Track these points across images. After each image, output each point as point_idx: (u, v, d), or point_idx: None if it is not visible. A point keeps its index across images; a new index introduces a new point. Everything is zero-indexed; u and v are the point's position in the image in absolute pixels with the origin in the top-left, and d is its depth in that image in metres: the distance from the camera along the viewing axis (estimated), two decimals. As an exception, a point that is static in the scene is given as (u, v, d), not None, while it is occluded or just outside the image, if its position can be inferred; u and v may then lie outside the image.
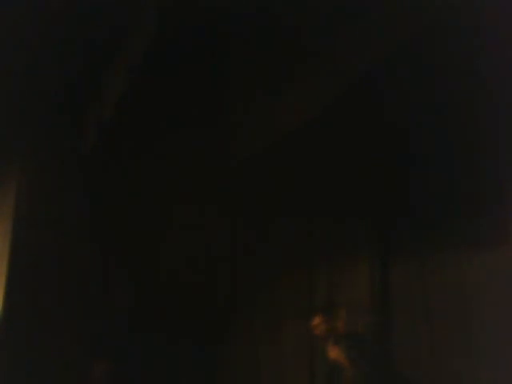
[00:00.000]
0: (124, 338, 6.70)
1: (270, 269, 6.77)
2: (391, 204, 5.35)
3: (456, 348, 4.53)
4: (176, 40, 4.94)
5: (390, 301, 5.23)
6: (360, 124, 5.01)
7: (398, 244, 5.29)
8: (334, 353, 4.60)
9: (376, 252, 5.43)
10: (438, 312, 4.74)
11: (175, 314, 6.96)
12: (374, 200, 5.50)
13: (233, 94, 5.79)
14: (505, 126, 4.24)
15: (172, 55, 5.15)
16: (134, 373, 6.42)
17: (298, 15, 4.45)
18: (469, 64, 4.03)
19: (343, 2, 4.25)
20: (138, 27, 5.08)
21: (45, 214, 6.74)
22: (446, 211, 4.79)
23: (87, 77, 6.08)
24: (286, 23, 4.59)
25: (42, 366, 6.23)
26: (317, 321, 4.90)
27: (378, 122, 4.98)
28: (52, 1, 5.18)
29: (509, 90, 4.00)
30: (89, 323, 6.61)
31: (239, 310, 7.17)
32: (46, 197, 6.81)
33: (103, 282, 6.89)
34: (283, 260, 6.60)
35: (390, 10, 3.98)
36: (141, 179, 6.90)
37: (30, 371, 6.15)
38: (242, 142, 5.97)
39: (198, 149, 6.47)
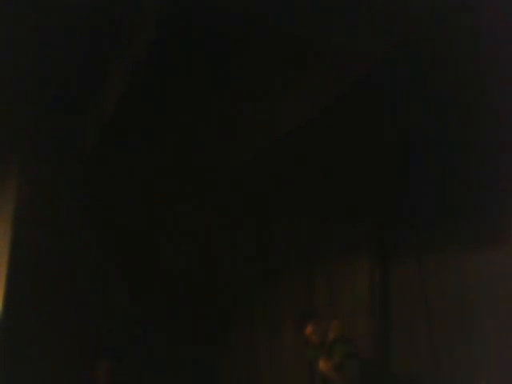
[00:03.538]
0: (124, 337, 6.70)
1: (270, 269, 6.78)
2: (391, 204, 5.35)
3: (456, 348, 4.53)
4: (176, 40, 4.94)
5: (390, 301, 5.23)
6: (360, 124, 5.01)
7: (398, 244, 5.29)
8: (324, 366, 4.66)
9: (376, 252, 5.44)
10: (437, 312, 4.74)
11: (175, 314, 6.96)
12: (374, 200, 5.50)
13: (233, 94, 5.79)
14: (505, 126, 4.24)
15: (172, 55, 5.15)
16: (134, 373, 6.42)
17: (298, 15, 4.45)
18: (468, 64, 4.03)
19: (343, 2, 4.25)
20: (138, 28, 5.08)
21: (45, 214, 6.74)
22: (446, 211, 4.79)
23: (87, 77, 6.08)
24: (286, 23, 4.58)
25: (42, 365, 6.23)
26: (309, 330, 4.92)
27: (377, 122, 4.98)
28: (52, 1, 5.18)
29: (509, 90, 4.00)
30: (89, 323, 6.61)
31: (239, 310, 7.18)
32: (46, 197, 6.81)
33: (103, 282, 6.89)
34: (283, 260, 6.61)
35: (390, 10, 3.98)
36: (141, 179, 6.91)
37: (30, 371, 6.15)
38: (242, 142, 5.97)
39: (199, 149, 6.47)
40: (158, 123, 6.26)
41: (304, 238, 6.28)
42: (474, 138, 4.47)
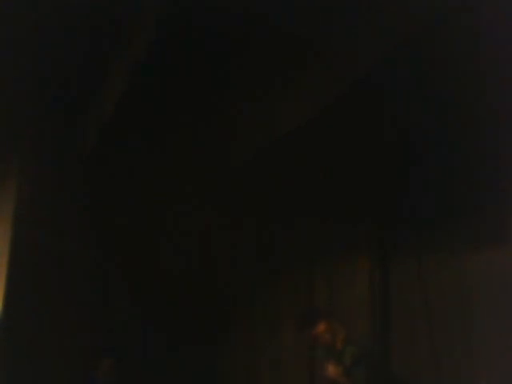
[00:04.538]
0: (124, 337, 6.70)
1: (270, 269, 6.77)
2: (391, 204, 5.35)
3: (456, 348, 4.53)
4: (176, 40, 4.94)
5: (390, 301, 5.23)
6: (360, 124, 5.01)
7: (398, 244, 5.29)
8: (334, 371, 4.52)
9: (376, 252, 5.43)
10: (437, 312, 4.74)
11: (175, 314, 6.96)
12: (374, 200, 5.50)
13: (233, 94, 5.79)
14: (505, 126, 4.24)
15: (172, 55, 5.15)
16: (134, 373, 6.42)
17: (298, 15, 4.45)
18: (468, 64, 4.03)
19: (343, 2, 4.25)
20: (138, 28, 5.09)
21: (45, 214, 6.74)
22: (446, 211, 4.79)
23: (87, 77, 6.08)
24: (286, 23, 4.58)
25: (42, 365, 6.23)
26: (322, 328, 4.69)
27: (377, 122, 4.98)
28: (52, 1, 5.18)
29: (509, 90, 4.00)
30: (89, 323, 6.62)
31: (239, 310, 7.18)
32: (46, 197, 6.81)
33: (103, 282, 6.89)
34: (283, 260, 6.61)
35: (390, 10, 3.98)
36: (141, 179, 6.91)
37: (30, 371, 6.15)
38: (242, 142, 5.97)
39: (199, 149, 6.47)
40: (158, 123, 6.26)
41: (304, 238, 6.27)
42: (474, 138, 4.47)
